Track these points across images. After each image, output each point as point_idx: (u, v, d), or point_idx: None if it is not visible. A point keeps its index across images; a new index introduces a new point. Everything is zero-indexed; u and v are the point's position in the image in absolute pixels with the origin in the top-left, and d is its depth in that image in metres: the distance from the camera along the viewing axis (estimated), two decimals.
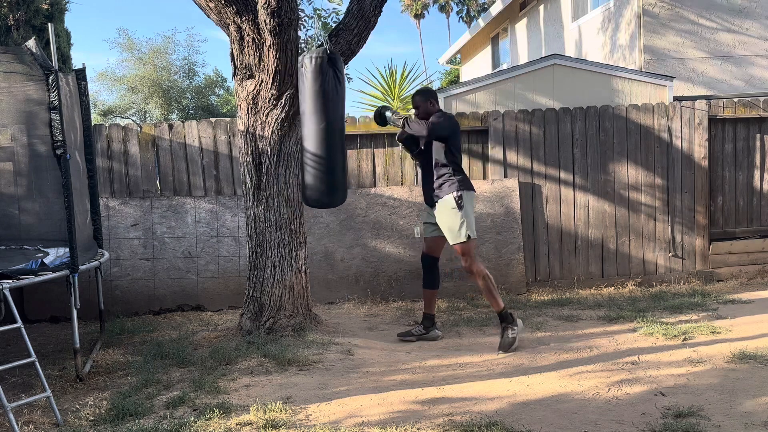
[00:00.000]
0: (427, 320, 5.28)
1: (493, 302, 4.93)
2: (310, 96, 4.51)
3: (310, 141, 4.56)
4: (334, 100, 4.56)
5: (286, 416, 3.55)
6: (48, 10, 9.31)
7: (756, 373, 4.00)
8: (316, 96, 4.49)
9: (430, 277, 5.30)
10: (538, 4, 15.49)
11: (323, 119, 4.51)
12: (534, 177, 6.97)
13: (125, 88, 23.70)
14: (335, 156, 4.62)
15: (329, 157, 4.57)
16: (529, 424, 3.37)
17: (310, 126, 4.56)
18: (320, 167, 4.58)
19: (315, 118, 4.51)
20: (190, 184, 6.72)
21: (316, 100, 4.50)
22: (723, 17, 11.12)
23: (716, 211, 7.25)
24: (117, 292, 6.47)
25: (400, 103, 9.75)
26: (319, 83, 4.48)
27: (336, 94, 4.57)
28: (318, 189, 4.65)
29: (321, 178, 4.61)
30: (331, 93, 4.53)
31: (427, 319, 5.28)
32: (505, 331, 4.85)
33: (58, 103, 4.28)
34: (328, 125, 4.54)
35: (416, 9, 38.92)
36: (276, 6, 4.78)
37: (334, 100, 4.56)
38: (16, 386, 4.30)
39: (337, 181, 4.71)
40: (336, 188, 4.74)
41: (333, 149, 4.59)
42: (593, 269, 7.06)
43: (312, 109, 4.52)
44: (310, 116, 4.54)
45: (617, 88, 7.52)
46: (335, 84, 4.55)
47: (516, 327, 4.87)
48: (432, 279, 5.30)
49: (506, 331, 4.85)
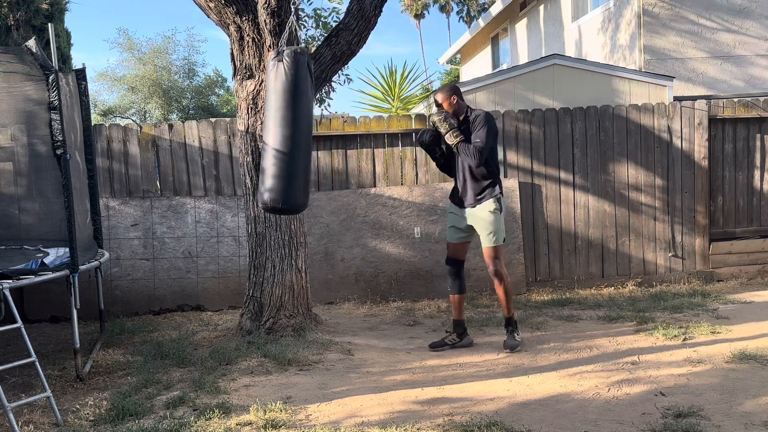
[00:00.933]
0: (458, 327, 5.03)
1: (506, 308, 4.90)
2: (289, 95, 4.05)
3: (279, 143, 4.08)
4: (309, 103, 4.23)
5: (286, 416, 3.55)
6: (48, 10, 9.30)
7: (756, 373, 4.00)
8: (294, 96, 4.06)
9: (457, 281, 5.01)
10: (538, 4, 15.49)
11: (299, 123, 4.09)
12: (534, 177, 6.97)
13: (125, 88, 23.68)
14: (304, 158, 4.21)
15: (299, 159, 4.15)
16: (529, 424, 3.37)
17: (283, 128, 4.07)
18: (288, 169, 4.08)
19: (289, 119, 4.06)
20: (190, 184, 6.72)
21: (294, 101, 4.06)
22: (723, 17, 11.12)
23: (716, 211, 7.25)
24: (117, 292, 6.47)
25: (400, 103, 9.75)
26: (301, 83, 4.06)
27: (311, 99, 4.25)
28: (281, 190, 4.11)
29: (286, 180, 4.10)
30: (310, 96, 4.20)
31: (458, 326, 5.03)
32: (512, 334, 4.90)
33: (58, 103, 4.28)
34: (305, 129, 4.17)
35: (416, 9, 38.92)
36: (276, 6, 4.78)
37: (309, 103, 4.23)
38: (16, 386, 4.30)
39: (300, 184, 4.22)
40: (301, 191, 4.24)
41: (304, 151, 4.19)
42: (593, 269, 7.06)
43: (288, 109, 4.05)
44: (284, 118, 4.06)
45: (617, 88, 7.52)
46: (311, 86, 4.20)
47: (519, 335, 4.95)
48: (460, 284, 5.01)
49: (512, 334, 4.91)
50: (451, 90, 4.91)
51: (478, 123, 4.72)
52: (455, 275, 5.01)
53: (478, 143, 4.66)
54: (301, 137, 4.13)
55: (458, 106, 4.86)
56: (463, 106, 4.88)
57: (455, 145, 4.73)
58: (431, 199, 6.75)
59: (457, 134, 4.72)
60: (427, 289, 6.67)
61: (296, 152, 4.11)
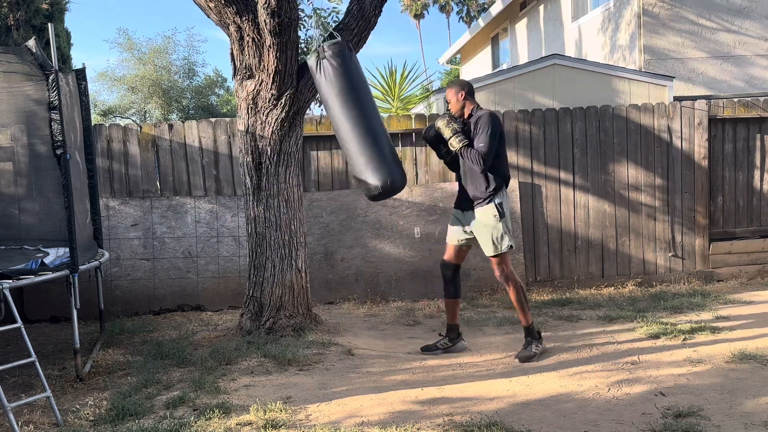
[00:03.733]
0: (451, 331, 4.91)
1: (522, 316, 4.65)
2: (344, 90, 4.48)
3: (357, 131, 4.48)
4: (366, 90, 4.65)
5: (286, 416, 3.55)
6: (48, 10, 9.31)
7: (756, 373, 4.00)
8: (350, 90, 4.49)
9: (453, 286, 4.86)
10: (538, 4, 15.49)
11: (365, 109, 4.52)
12: (534, 177, 6.97)
13: (125, 88, 23.69)
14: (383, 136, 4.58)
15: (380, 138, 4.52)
16: (529, 424, 3.37)
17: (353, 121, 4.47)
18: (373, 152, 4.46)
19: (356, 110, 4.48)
20: (190, 184, 6.72)
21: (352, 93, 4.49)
22: (723, 17, 11.12)
23: (716, 211, 7.25)
24: (117, 292, 6.47)
25: (400, 103, 9.73)
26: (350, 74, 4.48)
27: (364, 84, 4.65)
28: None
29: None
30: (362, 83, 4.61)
31: (451, 330, 4.91)
32: (530, 345, 4.63)
33: (58, 103, 4.28)
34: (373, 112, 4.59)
35: (416, 9, 38.91)
36: (276, 6, 4.78)
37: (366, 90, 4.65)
38: (16, 386, 4.30)
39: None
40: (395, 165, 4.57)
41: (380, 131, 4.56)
42: (593, 269, 7.06)
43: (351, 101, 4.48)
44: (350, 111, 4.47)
45: (617, 88, 7.52)
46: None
47: (541, 345, 4.66)
48: (455, 288, 4.87)
49: (530, 345, 4.63)
50: (461, 86, 4.73)
51: (480, 125, 4.53)
52: (450, 279, 4.86)
53: (482, 148, 4.48)
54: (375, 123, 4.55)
55: (465, 103, 4.67)
56: (471, 105, 4.68)
57: (458, 151, 4.58)
58: (431, 199, 6.75)
59: (460, 139, 4.53)
60: (427, 289, 6.66)
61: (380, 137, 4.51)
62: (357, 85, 4.52)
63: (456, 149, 4.59)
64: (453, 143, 4.58)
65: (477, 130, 4.55)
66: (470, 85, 4.80)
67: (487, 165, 4.52)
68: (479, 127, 4.54)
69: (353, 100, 4.46)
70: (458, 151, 4.58)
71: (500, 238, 4.56)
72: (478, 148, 4.50)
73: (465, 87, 4.72)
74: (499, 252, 4.57)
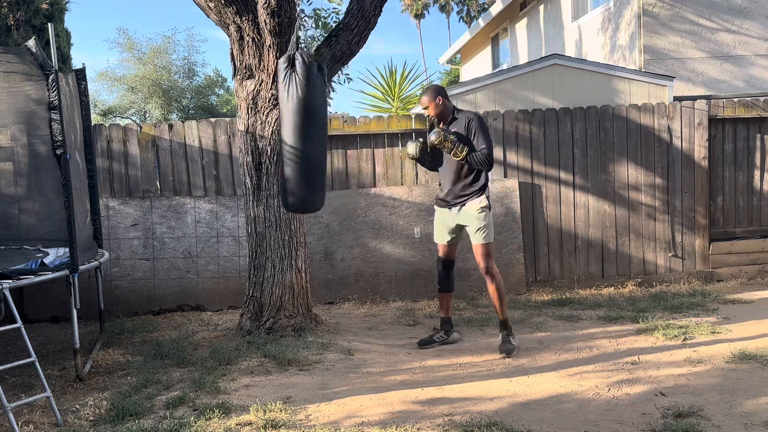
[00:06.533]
0: (445, 324, 5.14)
1: (500, 310, 4.84)
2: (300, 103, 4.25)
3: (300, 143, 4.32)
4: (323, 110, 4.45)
5: (286, 416, 3.55)
6: (48, 10, 9.29)
7: (756, 373, 4.00)
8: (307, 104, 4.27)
9: (447, 280, 5.09)
10: (538, 4, 15.49)
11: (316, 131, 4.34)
12: (534, 177, 6.97)
13: (125, 88, 23.68)
14: (320, 158, 4.49)
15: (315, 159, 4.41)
16: (529, 424, 3.37)
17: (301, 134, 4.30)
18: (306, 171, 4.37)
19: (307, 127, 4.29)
20: (190, 184, 6.72)
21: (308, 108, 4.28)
22: (723, 17, 11.12)
23: (716, 211, 7.25)
24: (117, 292, 6.47)
25: (400, 103, 9.75)
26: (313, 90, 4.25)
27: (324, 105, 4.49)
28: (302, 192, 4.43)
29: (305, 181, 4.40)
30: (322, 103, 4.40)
31: (445, 323, 5.14)
32: (507, 338, 4.83)
33: (58, 103, 4.28)
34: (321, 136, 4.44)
35: (416, 9, 38.92)
36: (276, 6, 4.79)
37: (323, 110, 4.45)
38: (16, 386, 4.30)
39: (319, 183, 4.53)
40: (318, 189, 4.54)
41: (319, 152, 4.46)
42: (593, 269, 7.06)
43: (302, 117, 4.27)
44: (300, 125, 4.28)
45: (617, 88, 7.52)
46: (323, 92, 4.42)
47: (514, 338, 4.87)
48: (449, 283, 5.10)
49: (508, 338, 4.83)
50: (436, 91, 4.87)
51: (474, 128, 4.72)
52: (445, 275, 5.08)
53: (485, 149, 4.69)
54: (317, 146, 4.42)
55: (444, 107, 4.83)
56: (450, 107, 4.86)
57: (463, 158, 4.69)
58: (431, 199, 6.74)
59: (462, 148, 4.66)
60: (427, 289, 6.66)
61: (312, 161, 4.39)
62: (314, 111, 4.32)
63: (461, 158, 4.71)
64: (456, 154, 4.70)
65: (471, 133, 4.75)
66: (443, 88, 5.07)
67: (492, 164, 4.78)
68: (474, 131, 4.75)
69: (307, 128, 4.28)
70: (464, 158, 4.71)
71: (488, 227, 4.81)
72: (482, 150, 4.71)
73: (440, 91, 4.89)
74: (486, 240, 4.80)
